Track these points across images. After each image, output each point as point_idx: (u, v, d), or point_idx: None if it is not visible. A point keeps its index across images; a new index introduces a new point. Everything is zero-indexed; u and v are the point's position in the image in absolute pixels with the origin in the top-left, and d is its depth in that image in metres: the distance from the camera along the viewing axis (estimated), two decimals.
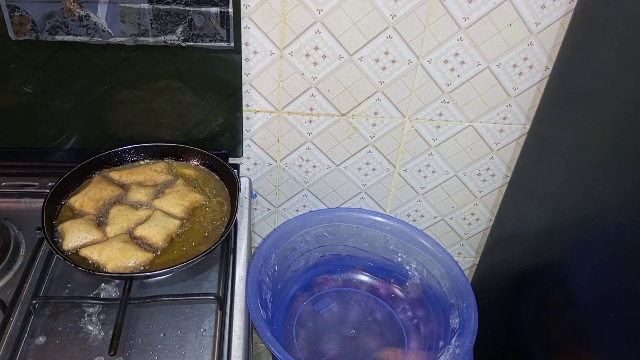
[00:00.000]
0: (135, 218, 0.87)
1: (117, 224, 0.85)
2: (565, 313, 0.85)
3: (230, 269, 0.86)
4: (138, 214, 0.87)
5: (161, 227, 0.84)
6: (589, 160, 0.81)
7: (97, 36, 0.86)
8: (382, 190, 1.17)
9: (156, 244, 0.83)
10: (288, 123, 1.04)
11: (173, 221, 0.87)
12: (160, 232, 0.84)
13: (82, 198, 0.89)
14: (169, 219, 0.87)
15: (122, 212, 0.87)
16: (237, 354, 0.75)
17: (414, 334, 1.06)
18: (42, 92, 0.94)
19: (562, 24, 0.91)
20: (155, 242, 0.83)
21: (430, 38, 0.93)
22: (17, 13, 0.83)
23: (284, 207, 1.20)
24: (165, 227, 0.85)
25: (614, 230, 0.73)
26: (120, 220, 0.85)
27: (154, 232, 0.84)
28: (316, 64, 0.96)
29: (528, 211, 1.00)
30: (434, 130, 1.06)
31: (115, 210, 0.87)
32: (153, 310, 0.79)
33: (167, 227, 0.85)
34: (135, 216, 0.87)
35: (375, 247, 1.12)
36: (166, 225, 0.85)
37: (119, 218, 0.86)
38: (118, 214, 0.87)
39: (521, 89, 1.00)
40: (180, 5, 0.84)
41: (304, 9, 0.89)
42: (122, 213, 0.87)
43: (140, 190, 0.92)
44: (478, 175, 1.14)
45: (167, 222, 0.86)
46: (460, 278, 0.99)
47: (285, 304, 1.09)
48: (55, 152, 1.02)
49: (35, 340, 0.74)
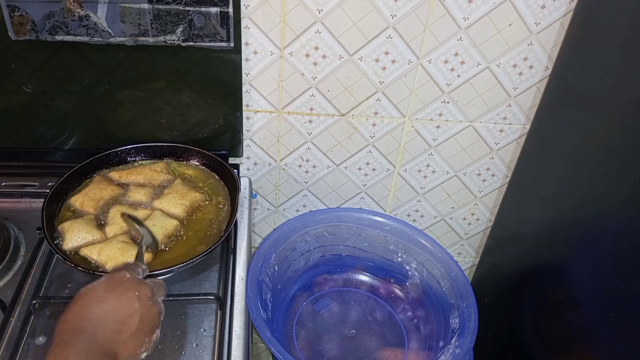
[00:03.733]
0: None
1: (116, 224, 0.85)
2: (565, 313, 0.85)
3: (230, 269, 0.86)
4: (137, 214, 0.87)
5: (159, 227, 0.84)
6: (589, 160, 0.81)
7: (97, 36, 0.86)
8: (382, 190, 1.17)
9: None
10: (288, 123, 1.04)
11: (171, 221, 0.86)
12: (158, 232, 0.84)
13: (82, 198, 0.89)
14: (168, 219, 0.87)
15: (121, 211, 0.87)
16: (237, 354, 0.75)
17: (414, 334, 1.06)
18: (42, 92, 0.94)
19: (562, 24, 0.91)
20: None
21: (430, 38, 0.93)
22: (17, 13, 0.83)
23: (284, 207, 1.20)
24: (163, 227, 0.85)
25: (614, 230, 0.73)
26: (119, 220, 0.85)
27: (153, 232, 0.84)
28: (316, 64, 0.96)
29: (528, 211, 1.00)
30: (434, 130, 1.06)
31: (115, 211, 0.87)
32: None
33: (165, 228, 0.85)
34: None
35: (375, 247, 1.12)
36: (164, 226, 0.85)
37: (118, 218, 0.86)
38: (118, 214, 0.87)
39: (521, 89, 1.00)
40: (180, 5, 0.84)
41: (304, 9, 0.89)
42: (120, 211, 0.87)
43: (140, 191, 0.92)
44: (478, 175, 1.14)
45: (166, 222, 0.86)
46: (460, 278, 0.99)
47: (285, 304, 1.09)
48: (55, 152, 1.02)
49: (35, 340, 0.74)
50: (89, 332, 0.56)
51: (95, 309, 0.58)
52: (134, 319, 0.59)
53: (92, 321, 0.57)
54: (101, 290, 0.60)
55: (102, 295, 0.60)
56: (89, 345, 0.55)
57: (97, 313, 0.58)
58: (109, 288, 0.61)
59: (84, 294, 0.60)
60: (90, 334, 0.56)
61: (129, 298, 0.61)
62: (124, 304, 0.60)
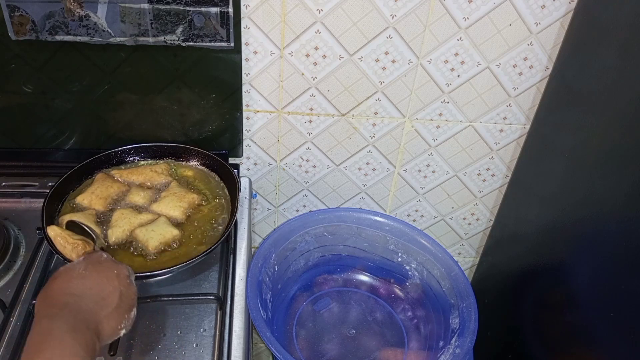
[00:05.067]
0: (137, 222, 0.86)
1: (119, 227, 0.85)
2: (565, 313, 0.85)
3: (230, 269, 0.86)
4: (141, 218, 0.87)
5: (157, 234, 0.84)
6: (589, 160, 0.81)
7: (97, 36, 0.86)
8: (382, 190, 1.17)
9: (147, 249, 0.83)
10: (288, 123, 1.04)
11: (172, 231, 0.85)
12: (154, 238, 0.83)
13: (89, 196, 0.89)
14: (168, 228, 0.86)
15: (125, 216, 0.87)
16: (237, 354, 0.75)
17: (414, 334, 1.06)
18: (42, 92, 0.94)
19: (562, 24, 0.91)
20: (146, 248, 0.83)
21: (430, 38, 0.93)
22: (17, 13, 0.83)
23: (284, 207, 1.20)
24: (161, 235, 0.84)
25: (614, 230, 0.73)
26: (122, 224, 0.85)
27: (146, 238, 0.83)
28: (316, 64, 0.96)
29: (528, 211, 1.00)
30: (434, 130, 1.06)
31: (119, 214, 0.87)
32: (153, 310, 0.79)
33: (164, 236, 0.84)
34: (138, 220, 0.86)
35: (375, 247, 1.12)
36: (163, 234, 0.84)
37: (121, 221, 0.85)
38: (121, 217, 0.86)
39: (521, 89, 1.00)
40: (180, 5, 0.84)
41: (304, 9, 0.89)
42: (125, 216, 0.86)
43: (139, 193, 0.92)
44: (478, 175, 1.14)
45: (165, 230, 0.85)
46: (460, 278, 0.99)
47: (285, 304, 1.09)
48: (55, 152, 1.02)
49: None
50: (73, 306, 0.57)
51: (78, 285, 0.60)
52: (114, 295, 0.62)
53: (75, 296, 0.59)
54: (81, 268, 0.62)
55: (82, 273, 0.62)
56: (73, 318, 0.56)
57: (80, 289, 0.60)
58: (89, 267, 0.63)
59: (64, 272, 0.62)
60: (74, 308, 0.57)
61: (109, 276, 0.63)
62: (105, 281, 0.62)
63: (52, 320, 0.55)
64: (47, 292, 0.60)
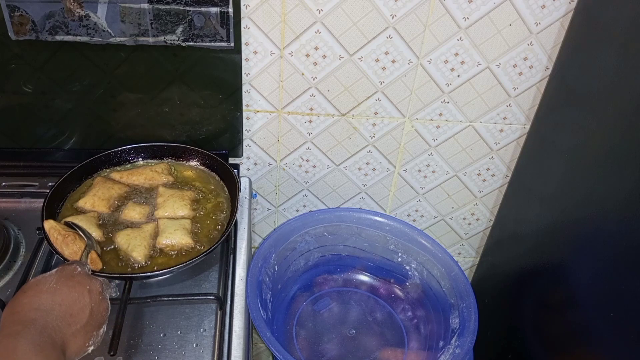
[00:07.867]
0: (148, 234, 0.85)
1: (137, 247, 0.82)
2: (565, 313, 0.85)
3: (230, 269, 0.86)
4: (145, 229, 0.85)
5: (180, 229, 0.84)
6: (589, 160, 0.81)
7: (97, 36, 0.86)
8: (382, 190, 1.17)
9: (187, 244, 0.83)
10: (288, 123, 1.04)
11: (182, 220, 0.87)
12: (183, 232, 0.84)
13: (92, 199, 0.88)
14: (177, 220, 0.87)
15: (131, 235, 0.84)
16: (237, 354, 0.75)
17: (414, 334, 1.06)
18: (42, 92, 0.94)
19: (562, 24, 0.91)
20: (185, 244, 0.83)
21: (430, 38, 0.93)
22: (17, 13, 0.83)
23: (284, 207, 1.20)
24: (183, 227, 0.85)
25: (614, 230, 0.73)
26: (137, 242, 0.83)
27: (178, 237, 0.83)
28: (316, 64, 0.96)
29: (528, 211, 1.00)
30: (434, 130, 1.06)
31: (123, 235, 0.84)
32: (153, 310, 0.79)
33: (184, 226, 0.85)
34: (144, 234, 0.85)
35: (375, 247, 1.12)
36: (182, 225, 0.85)
37: (133, 241, 0.83)
38: (126, 238, 0.83)
39: (521, 89, 1.00)
40: (180, 5, 0.84)
41: (304, 9, 0.89)
42: (131, 237, 0.84)
43: (135, 208, 0.89)
44: (478, 175, 1.14)
45: (179, 223, 0.86)
46: (460, 278, 0.99)
47: (285, 304, 1.09)
48: (55, 152, 1.02)
49: None
50: (39, 323, 0.55)
51: (46, 300, 0.58)
52: (84, 312, 0.60)
53: (43, 312, 0.57)
54: (52, 282, 0.60)
55: (53, 287, 0.60)
56: (38, 336, 0.54)
57: (48, 304, 0.58)
58: (60, 280, 0.61)
59: (34, 285, 0.60)
60: (41, 325, 0.55)
61: (80, 291, 0.61)
62: (75, 296, 0.60)
63: (16, 339, 0.53)
64: (14, 307, 0.57)
